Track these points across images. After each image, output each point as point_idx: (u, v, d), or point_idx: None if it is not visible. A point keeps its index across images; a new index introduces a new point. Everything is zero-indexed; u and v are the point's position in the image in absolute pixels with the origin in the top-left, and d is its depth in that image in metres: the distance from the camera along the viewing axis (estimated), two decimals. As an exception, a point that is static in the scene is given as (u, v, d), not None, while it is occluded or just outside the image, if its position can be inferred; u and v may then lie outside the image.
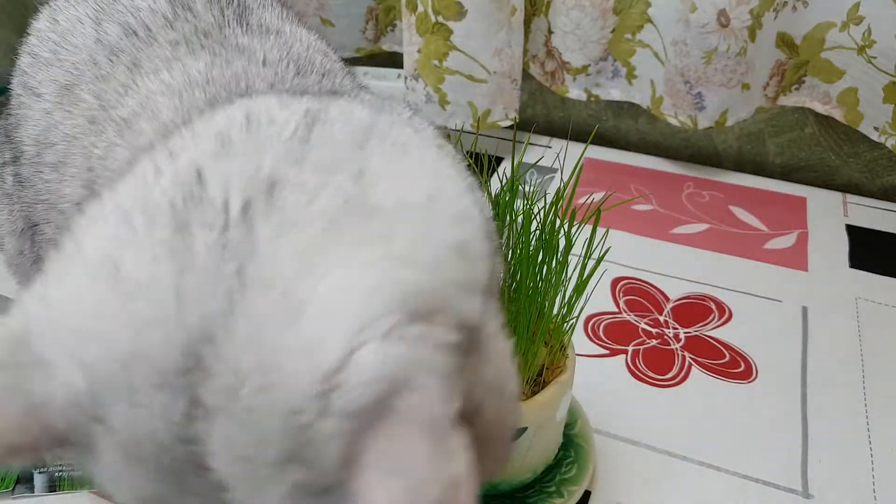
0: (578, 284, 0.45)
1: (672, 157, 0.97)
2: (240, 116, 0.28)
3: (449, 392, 0.22)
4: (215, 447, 0.22)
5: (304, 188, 0.24)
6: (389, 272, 0.23)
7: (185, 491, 0.23)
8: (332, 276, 0.22)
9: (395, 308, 0.22)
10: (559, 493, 0.51)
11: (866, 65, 0.79)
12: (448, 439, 0.21)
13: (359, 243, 0.23)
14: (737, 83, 0.82)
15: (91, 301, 0.23)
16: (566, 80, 0.94)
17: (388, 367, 0.21)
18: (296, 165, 0.25)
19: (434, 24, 0.85)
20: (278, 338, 0.21)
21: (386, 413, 0.20)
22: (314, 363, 0.21)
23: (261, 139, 0.26)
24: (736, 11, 0.77)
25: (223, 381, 0.21)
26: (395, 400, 0.21)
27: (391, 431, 0.20)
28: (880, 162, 0.88)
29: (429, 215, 0.25)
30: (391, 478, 0.20)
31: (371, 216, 0.24)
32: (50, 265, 0.25)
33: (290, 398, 0.21)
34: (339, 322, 0.21)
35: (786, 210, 0.85)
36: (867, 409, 0.61)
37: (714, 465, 0.56)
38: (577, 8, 0.87)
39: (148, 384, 0.22)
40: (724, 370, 0.64)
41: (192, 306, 0.22)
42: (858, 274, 0.75)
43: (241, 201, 0.24)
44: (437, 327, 0.22)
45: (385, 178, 0.26)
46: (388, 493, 0.20)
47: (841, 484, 0.55)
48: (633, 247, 0.79)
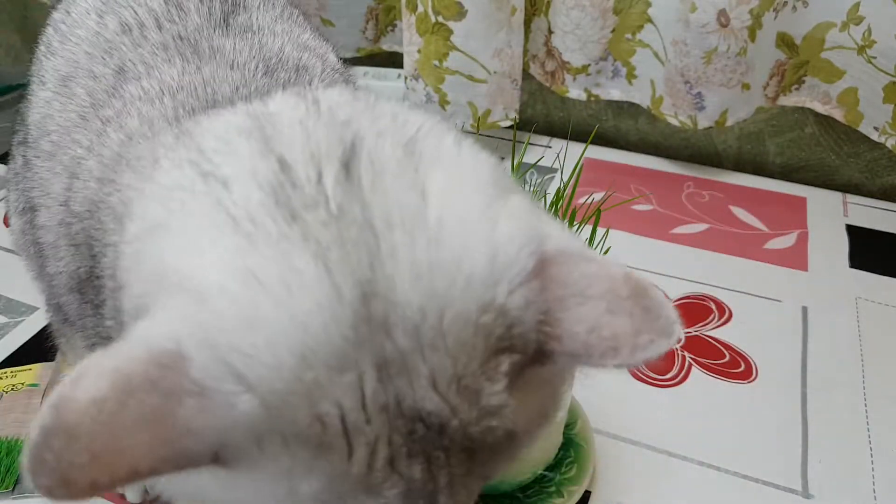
0: (578, 284, 0.45)
1: (672, 157, 0.97)
2: (247, 122, 0.28)
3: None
4: (422, 391, 0.22)
5: (378, 141, 0.26)
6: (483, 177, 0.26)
7: (403, 459, 0.23)
8: (444, 198, 0.24)
9: (502, 193, 0.25)
10: (559, 493, 0.51)
11: (866, 65, 0.79)
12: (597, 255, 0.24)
13: (440, 168, 0.25)
14: (737, 83, 0.82)
15: (246, 317, 0.22)
16: (566, 80, 0.94)
17: (528, 230, 0.24)
18: (356, 125, 0.27)
19: (434, 24, 0.85)
20: (433, 260, 0.23)
21: (548, 262, 0.24)
22: (477, 262, 0.23)
23: (297, 121, 0.27)
24: (736, 11, 0.77)
25: (406, 324, 0.22)
26: (546, 248, 0.24)
27: (560, 270, 0.24)
28: (880, 162, 0.88)
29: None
30: (585, 291, 0.23)
31: (433, 152, 0.26)
32: (172, 295, 0.24)
33: (474, 300, 0.22)
34: (471, 225, 0.24)
35: (786, 210, 0.85)
36: (867, 409, 0.61)
37: (714, 465, 0.56)
38: (577, 8, 0.87)
39: (331, 374, 0.22)
40: (724, 370, 0.64)
41: (343, 279, 0.22)
42: (858, 274, 0.75)
43: (333, 169, 0.25)
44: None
45: (424, 132, 0.28)
46: (590, 303, 0.23)
47: (841, 484, 0.55)
48: (633, 247, 0.79)
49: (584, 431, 0.56)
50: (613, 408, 0.60)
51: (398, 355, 0.22)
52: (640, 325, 0.23)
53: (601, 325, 0.23)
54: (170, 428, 0.21)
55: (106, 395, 0.20)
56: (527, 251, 0.24)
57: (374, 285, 0.22)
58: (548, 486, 0.52)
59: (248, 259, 0.23)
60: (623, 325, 0.23)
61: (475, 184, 0.25)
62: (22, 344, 0.68)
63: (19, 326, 0.70)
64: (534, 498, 0.51)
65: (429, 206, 0.24)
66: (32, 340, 0.69)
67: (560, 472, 0.53)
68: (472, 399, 0.22)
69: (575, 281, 0.23)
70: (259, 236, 0.23)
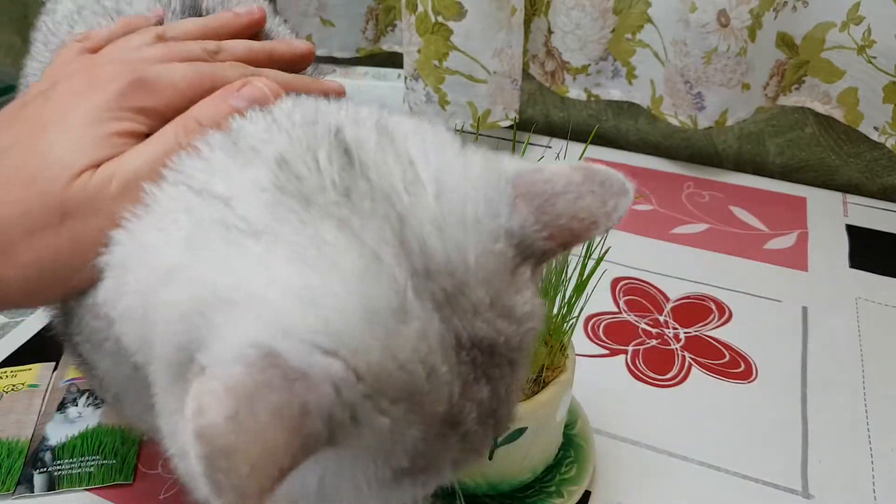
0: (578, 284, 0.45)
1: (672, 157, 0.97)
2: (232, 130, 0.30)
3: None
4: (472, 321, 0.25)
5: (355, 127, 0.29)
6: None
7: (471, 390, 0.25)
8: (428, 161, 0.27)
9: (461, 145, 0.29)
10: (559, 493, 0.51)
11: (866, 65, 0.79)
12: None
13: (411, 140, 0.28)
14: (737, 83, 0.82)
15: (303, 296, 0.23)
16: (566, 80, 0.94)
17: (495, 166, 0.28)
18: (325, 119, 0.29)
19: (434, 24, 0.85)
20: (445, 213, 0.26)
21: (517, 184, 0.27)
22: (477, 204, 0.26)
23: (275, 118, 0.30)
24: (736, 11, 0.77)
25: (443, 270, 0.25)
26: (511, 174, 0.28)
27: (527, 185, 0.27)
28: (880, 162, 0.88)
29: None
30: (553, 191, 0.27)
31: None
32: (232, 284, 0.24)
33: (486, 234, 0.26)
34: (459, 177, 0.27)
35: (786, 210, 0.85)
36: (867, 409, 0.61)
37: (714, 465, 0.56)
38: (577, 8, 0.87)
39: (398, 325, 0.24)
40: (724, 370, 0.64)
41: (374, 242, 0.24)
42: (858, 274, 0.75)
43: (328, 156, 0.27)
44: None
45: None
46: (560, 199, 0.27)
47: (841, 484, 0.55)
48: (633, 247, 0.79)
49: (584, 431, 0.56)
50: (613, 408, 0.60)
51: (445, 297, 0.24)
52: (602, 197, 0.27)
53: (576, 211, 0.27)
54: (295, 417, 0.22)
55: (236, 409, 0.21)
56: (503, 182, 0.27)
57: (407, 243, 0.25)
58: (548, 486, 0.52)
59: (279, 247, 0.24)
60: (592, 203, 0.27)
61: (443, 144, 0.29)
62: (22, 344, 0.68)
63: (19, 326, 0.70)
64: (534, 498, 0.51)
65: (419, 171, 0.27)
66: (32, 340, 0.69)
67: (560, 472, 0.53)
68: (510, 315, 0.26)
69: (542, 189, 0.27)
70: (281, 230, 0.25)
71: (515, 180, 0.28)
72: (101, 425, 0.59)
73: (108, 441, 0.58)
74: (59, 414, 0.60)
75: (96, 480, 0.55)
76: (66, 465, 0.56)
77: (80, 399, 0.61)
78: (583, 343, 0.67)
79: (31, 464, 0.56)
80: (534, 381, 0.47)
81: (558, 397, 0.47)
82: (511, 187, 0.27)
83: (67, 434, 0.59)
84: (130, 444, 0.58)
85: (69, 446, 0.58)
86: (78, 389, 0.62)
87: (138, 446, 0.58)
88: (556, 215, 0.27)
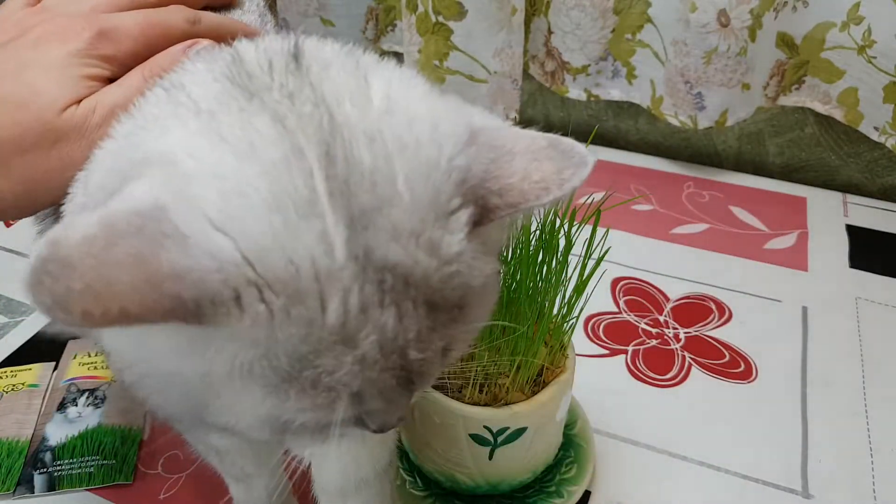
0: (578, 284, 0.45)
1: (672, 157, 0.97)
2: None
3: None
4: (386, 243, 0.24)
5: (319, 45, 0.30)
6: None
7: (368, 320, 0.25)
8: (386, 83, 0.28)
9: (432, 86, 0.29)
10: (559, 493, 0.51)
11: (866, 65, 0.79)
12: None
13: (379, 67, 0.29)
14: (737, 83, 0.82)
15: (214, 170, 0.24)
16: (566, 80, 0.94)
17: (458, 110, 0.28)
18: (293, 40, 0.30)
19: (434, 24, 0.85)
20: (384, 128, 0.26)
21: (477, 132, 0.27)
22: (423, 129, 0.26)
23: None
24: (736, 11, 0.77)
25: (365, 182, 0.25)
26: (474, 122, 0.28)
27: (488, 137, 0.27)
28: (880, 162, 0.88)
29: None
30: (512, 149, 0.27)
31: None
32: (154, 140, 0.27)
33: (424, 161, 0.26)
34: (414, 103, 0.27)
35: (786, 210, 0.85)
36: (867, 409, 0.61)
37: (714, 465, 0.56)
38: (577, 8, 0.87)
39: (299, 219, 0.24)
40: (724, 370, 0.64)
41: (303, 140, 0.25)
42: (858, 274, 0.75)
43: (283, 61, 0.28)
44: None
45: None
46: (518, 158, 0.27)
47: (841, 484, 0.55)
48: (633, 247, 0.79)
49: (584, 431, 0.56)
50: (613, 408, 0.60)
51: (361, 210, 0.24)
52: (560, 164, 0.26)
53: (530, 172, 0.26)
54: (155, 271, 0.22)
55: (95, 233, 0.22)
56: (461, 123, 0.27)
57: (332, 147, 0.25)
58: (548, 486, 0.52)
59: (211, 126, 0.26)
60: (548, 168, 0.26)
61: (410, 78, 0.29)
62: (22, 344, 0.68)
63: (19, 326, 0.70)
64: (534, 498, 0.51)
65: (372, 88, 0.27)
66: (32, 340, 0.69)
67: (560, 472, 0.53)
68: (431, 250, 0.25)
69: (502, 143, 0.27)
70: (220, 111, 0.26)
71: (479, 130, 0.27)
72: (101, 425, 0.59)
73: (108, 441, 0.58)
74: (59, 414, 0.60)
75: (96, 481, 0.55)
76: (66, 466, 0.56)
77: (80, 399, 0.61)
78: (583, 343, 0.67)
79: (31, 464, 0.56)
80: (534, 381, 0.47)
81: (558, 397, 0.47)
82: (469, 130, 0.27)
83: (67, 434, 0.59)
84: (130, 444, 0.58)
85: (69, 446, 0.58)
86: (78, 389, 0.62)
87: (138, 446, 0.58)
88: (510, 172, 0.26)
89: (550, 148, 0.27)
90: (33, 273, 0.21)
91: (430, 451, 0.49)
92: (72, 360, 0.66)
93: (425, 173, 0.25)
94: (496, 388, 0.46)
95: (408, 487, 0.52)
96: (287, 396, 0.25)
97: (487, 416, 0.45)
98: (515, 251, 0.44)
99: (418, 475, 0.53)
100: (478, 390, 0.46)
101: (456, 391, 0.46)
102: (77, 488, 0.55)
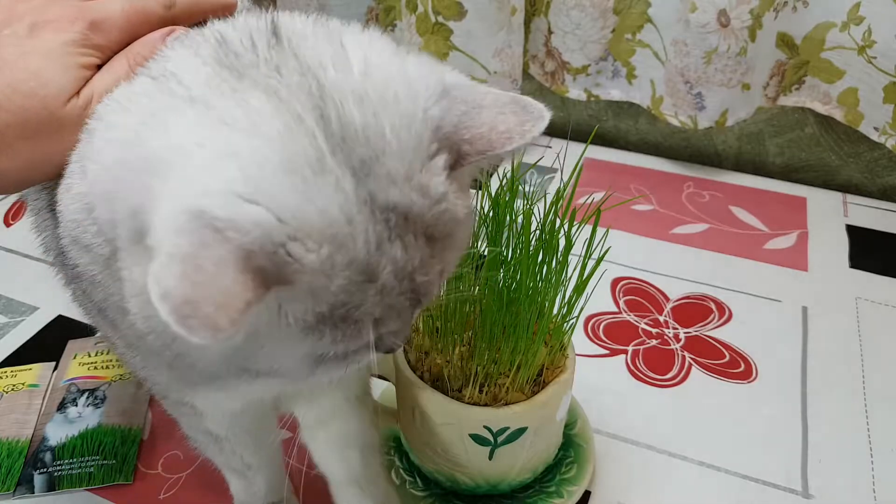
0: (578, 284, 0.45)
1: (672, 157, 0.97)
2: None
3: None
4: (386, 187, 0.27)
5: (292, 19, 0.32)
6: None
7: (385, 252, 0.28)
8: (360, 47, 0.30)
9: (402, 49, 0.32)
10: (559, 493, 0.51)
11: (866, 65, 0.79)
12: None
13: (349, 33, 0.32)
14: (737, 83, 0.82)
15: (226, 153, 0.26)
16: (566, 80, 0.94)
17: (430, 67, 0.31)
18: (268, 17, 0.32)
19: (434, 24, 0.85)
20: (367, 87, 0.29)
21: (449, 88, 0.30)
22: (399, 86, 0.29)
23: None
24: (736, 11, 0.77)
25: (360, 137, 0.27)
26: (446, 79, 0.31)
27: (459, 92, 0.30)
28: (880, 162, 0.88)
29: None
30: (481, 103, 0.30)
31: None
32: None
33: (404, 113, 0.28)
34: (388, 63, 0.30)
35: (786, 210, 0.85)
36: (867, 409, 0.61)
37: (714, 465, 0.56)
38: (577, 8, 0.87)
39: (314, 175, 0.26)
40: (724, 370, 0.64)
41: (300, 107, 0.27)
42: (858, 274, 0.75)
43: (264, 38, 0.30)
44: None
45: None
46: (485, 111, 0.30)
47: (841, 484, 0.55)
48: (633, 247, 0.79)
49: (584, 431, 0.56)
50: (613, 408, 0.60)
51: (361, 161, 0.27)
52: (522, 118, 0.30)
53: (496, 123, 0.30)
54: (238, 259, 0.25)
55: (182, 270, 0.24)
56: (433, 79, 0.30)
57: (326, 110, 0.27)
58: (548, 486, 0.52)
59: (210, 115, 0.28)
60: (512, 120, 0.30)
61: (382, 41, 0.32)
62: (22, 344, 0.68)
63: (19, 326, 0.70)
64: (534, 498, 0.51)
65: (349, 52, 0.30)
66: (32, 340, 0.69)
67: (560, 472, 0.53)
68: (423, 191, 0.28)
69: (472, 98, 0.30)
70: (213, 97, 0.28)
71: (451, 86, 0.31)
72: (101, 425, 0.59)
73: (108, 441, 0.58)
74: (59, 414, 0.60)
75: (96, 480, 0.55)
76: (66, 466, 0.56)
77: (80, 399, 0.61)
78: (583, 343, 0.67)
79: (31, 464, 0.56)
80: (534, 381, 0.47)
81: (558, 397, 0.47)
82: (442, 85, 0.30)
83: (67, 434, 0.59)
84: (130, 444, 0.58)
85: (69, 446, 0.58)
86: (78, 389, 0.62)
87: (138, 446, 0.58)
88: (479, 123, 0.30)
89: (513, 103, 0.30)
90: (181, 326, 0.23)
91: (430, 451, 0.49)
92: (72, 360, 0.66)
93: (407, 124, 0.28)
94: (496, 388, 0.46)
95: (408, 487, 0.52)
96: (322, 334, 0.28)
97: (487, 416, 0.45)
98: (515, 251, 0.44)
99: (418, 475, 0.53)
100: (478, 390, 0.46)
101: (456, 391, 0.46)
102: (77, 488, 0.55)
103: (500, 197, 0.44)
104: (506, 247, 0.45)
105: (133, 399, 0.62)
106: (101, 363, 0.65)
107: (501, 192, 0.44)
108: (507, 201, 0.44)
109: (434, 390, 0.46)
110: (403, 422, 0.51)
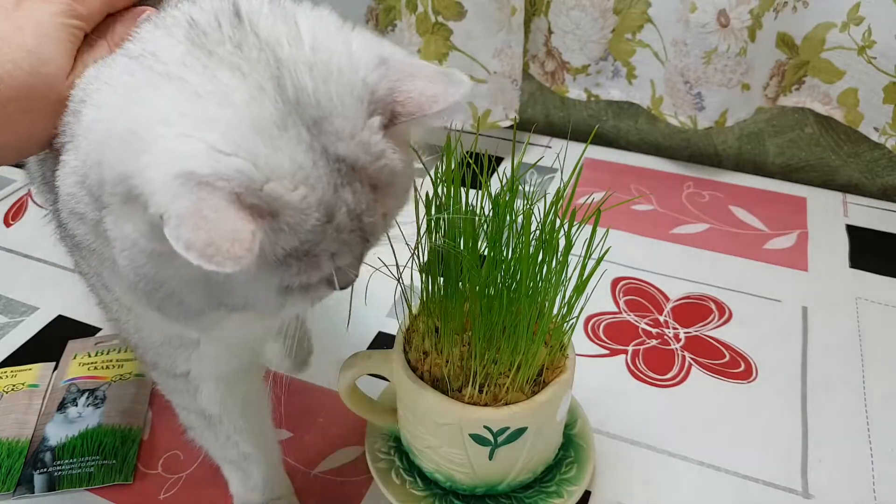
0: (578, 284, 0.45)
1: (672, 157, 0.97)
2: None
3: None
4: (336, 142, 0.32)
5: (251, 2, 0.35)
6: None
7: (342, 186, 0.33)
8: (310, 24, 0.35)
9: (348, 26, 0.36)
10: (559, 493, 0.51)
11: (866, 65, 0.79)
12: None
13: (301, 13, 0.36)
14: (737, 83, 0.82)
15: (206, 119, 0.31)
16: (566, 80, 0.94)
17: (369, 41, 0.36)
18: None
19: (434, 24, 0.85)
20: (316, 59, 0.33)
21: (386, 59, 0.35)
22: (343, 57, 0.34)
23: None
24: (736, 11, 0.77)
25: (311, 100, 0.32)
26: (383, 52, 0.35)
27: (394, 62, 0.35)
28: (880, 162, 0.88)
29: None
30: (413, 73, 0.35)
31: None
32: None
33: (347, 81, 0.33)
34: (333, 38, 0.34)
35: (786, 210, 0.85)
36: (867, 409, 0.61)
37: (714, 465, 0.56)
38: (577, 8, 0.87)
39: (280, 132, 0.31)
40: (724, 370, 0.64)
41: (260, 79, 0.32)
42: (858, 274, 0.75)
43: (228, 19, 0.34)
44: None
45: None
46: (416, 79, 0.34)
47: (841, 484, 0.55)
48: (633, 247, 0.79)
49: (584, 431, 0.56)
50: (613, 408, 0.60)
51: (313, 120, 0.32)
52: (446, 86, 0.35)
53: (425, 90, 0.34)
54: (233, 200, 0.29)
55: (194, 222, 0.28)
56: (372, 52, 0.35)
57: (282, 79, 0.32)
58: (548, 486, 0.52)
59: (186, 88, 0.31)
60: (438, 88, 0.34)
61: (329, 19, 0.36)
62: (22, 344, 0.69)
63: (19, 326, 0.70)
64: (534, 498, 0.51)
65: (301, 30, 0.34)
66: (32, 340, 0.69)
67: (560, 472, 0.53)
68: (366, 148, 0.33)
69: (406, 68, 0.35)
70: (188, 74, 0.32)
71: (387, 57, 0.35)
72: (101, 425, 0.59)
73: (108, 441, 0.58)
74: (59, 414, 0.60)
75: (96, 480, 0.55)
76: (66, 466, 0.56)
77: (80, 399, 0.61)
78: (583, 343, 0.67)
79: (31, 464, 0.56)
80: (534, 381, 0.47)
81: (558, 397, 0.47)
82: (379, 58, 0.35)
83: (67, 434, 0.59)
84: (130, 444, 0.58)
85: (69, 446, 0.58)
86: (78, 389, 0.62)
87: (138, 446, 0.58)
88: (410, 89, 0.34)
89: (441, 74, 0.35)
90: (212, 264, 0.28)
91: (430, 451, 0.49)
92: (72, 360, 0.66)
93: (349, 90, 0.33)
94: (496, 388, 0.46)
95: (408, 487, 0.52)
96: (289, 266, 0.32)
97: (487, 416, 0.45)
98: (515, 251, 0.44)
99: (418, 475, 0.53)
100: (478, 390, 0.46)
101: (456, 391, 0.46)
102: (77, 488, 0.55)
103: (500, 197, 0.44)
104: (506, 247, 0.45)
105: (133, 399, 0.62)
106: (101, 363, 0.65)
107: (501, 192, 0.44)
108: (507, 201, 0.44)
109: (434, 390, 0.46)
110: (403, 422, 0.51)
